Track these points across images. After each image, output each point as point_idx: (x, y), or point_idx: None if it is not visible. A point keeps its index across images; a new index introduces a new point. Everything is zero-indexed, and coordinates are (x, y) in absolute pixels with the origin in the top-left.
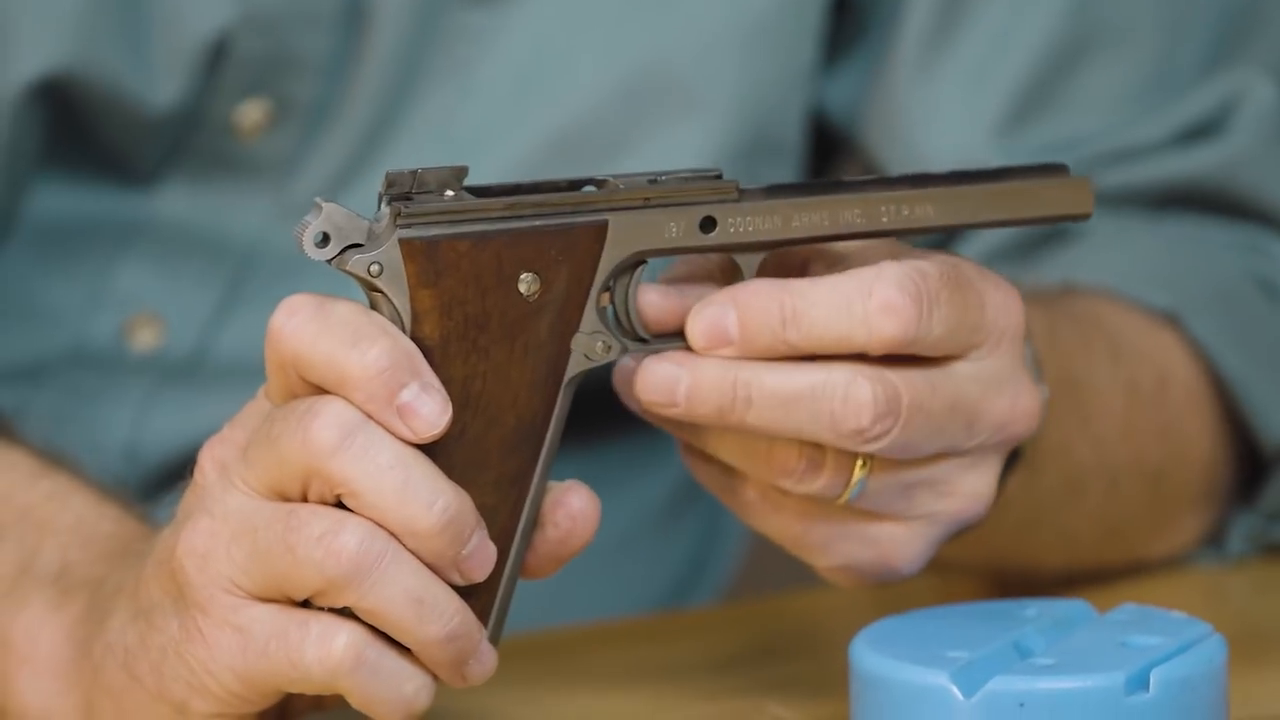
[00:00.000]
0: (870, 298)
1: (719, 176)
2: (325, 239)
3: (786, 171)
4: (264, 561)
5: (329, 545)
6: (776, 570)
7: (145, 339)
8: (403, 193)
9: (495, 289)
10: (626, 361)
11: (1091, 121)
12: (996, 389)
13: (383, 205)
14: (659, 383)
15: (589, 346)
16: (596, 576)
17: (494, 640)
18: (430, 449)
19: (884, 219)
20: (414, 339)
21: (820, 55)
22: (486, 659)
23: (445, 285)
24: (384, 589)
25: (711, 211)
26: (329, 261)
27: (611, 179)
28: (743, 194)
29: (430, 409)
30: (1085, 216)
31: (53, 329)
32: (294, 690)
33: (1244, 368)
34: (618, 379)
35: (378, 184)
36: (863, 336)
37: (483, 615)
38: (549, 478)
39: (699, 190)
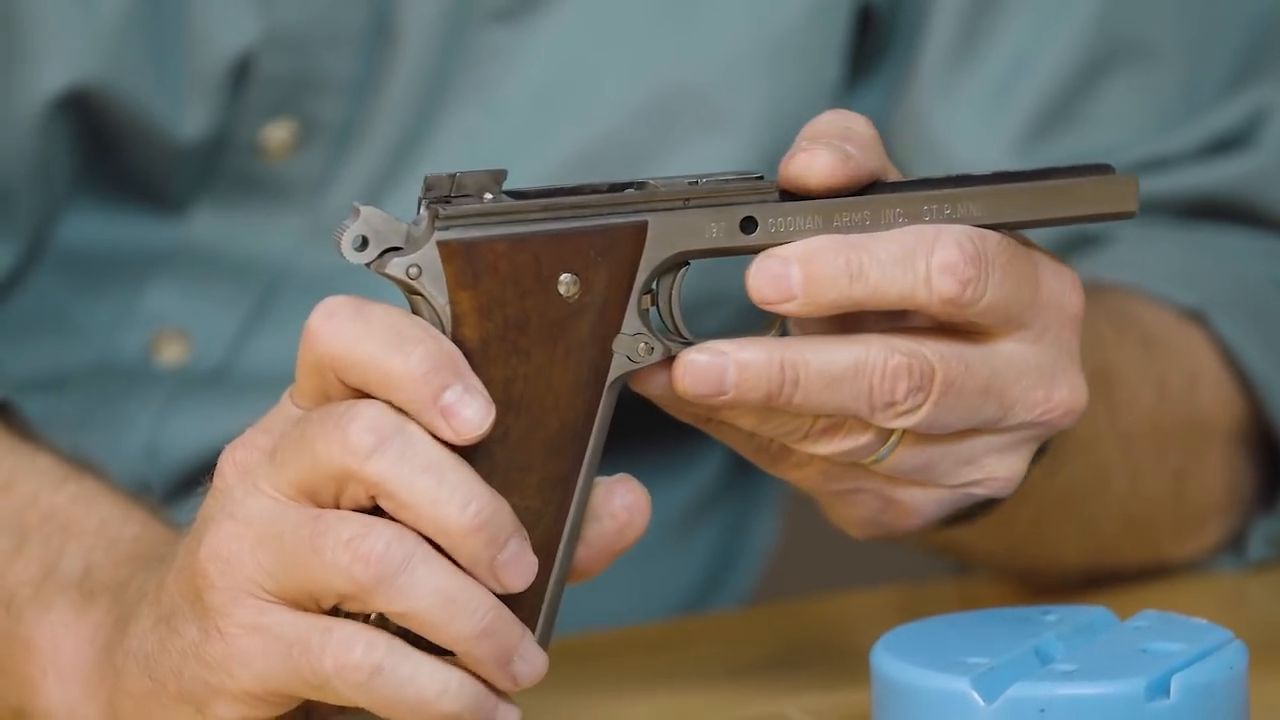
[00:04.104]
0: (932, 255)
1: (760, 178)
2: (364, 242)
3: None
4: (291, 565)
5: (357, 549)
6: (798, 576)
7: (172, 354)
8: (441, 196)
9: (535, 290)
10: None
11: (1115, 136)
12: (1035, 377)
13: (421, 209)
14: (705, 374)
15: (631, 348)
16: (617, 582)
17: (543, 643)
18: (474, 451)
19: (926, 218)
20: (454, 341)
21: (845, 71)
22: (533, 658)
23: (484, 286)
24: (413, 590)
25: (752, 212)
26: (368, 265)
27: (651, 181)
28: (784, 194)
29: (473, 410)
30: (1130, 214)
31: (80, 344)
32: (312, 698)
33: (1269, 369)
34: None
35: (405, 202)
36: (924, 295)
37: (530, 619)
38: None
39: (739, 191)
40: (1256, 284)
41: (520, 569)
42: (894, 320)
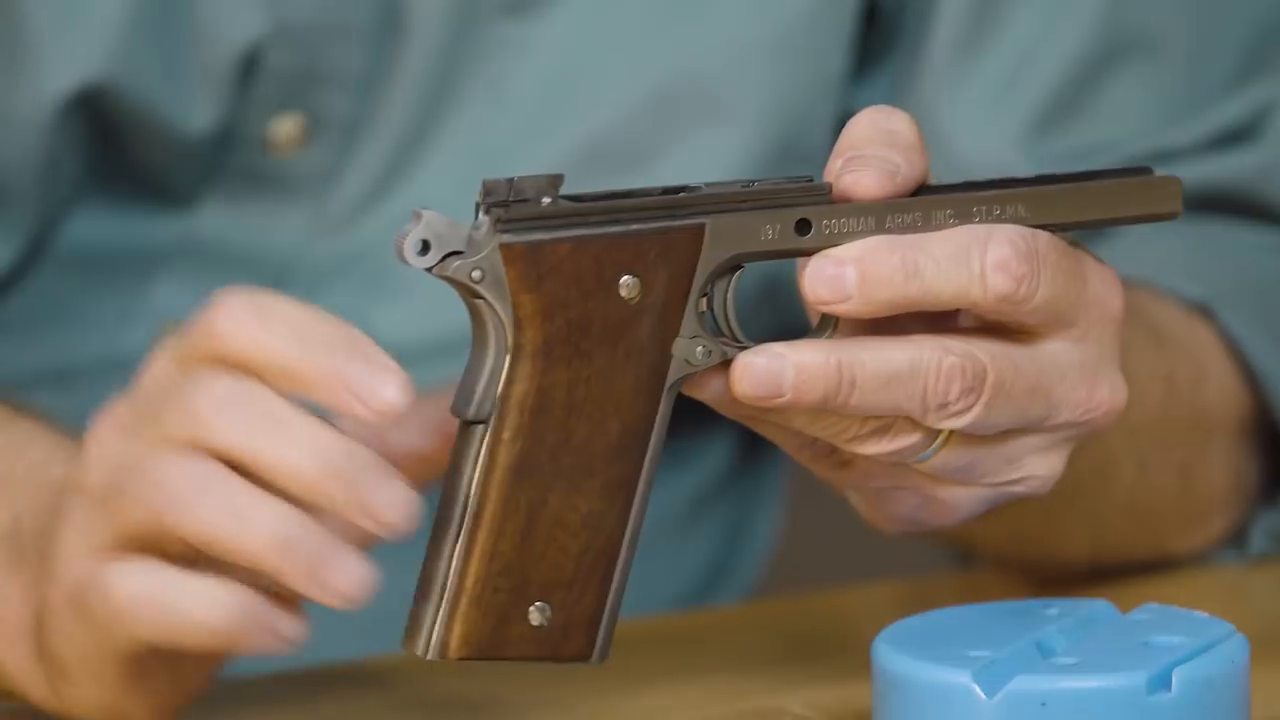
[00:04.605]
0: (986, 252)
1: (810, 180)
2: (425, 247)
3: (816, 179)
4: (111, 513)
5: (154, 478)
6: (800, 571)
7: None
8: (500, 200)
9: (596, 292)
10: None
11: (1120, 130)
12: (1078, 377)
13: (480, 214)
14: (763, 377)
15: (689, 351)
16: None
17: (606, 648)
18: (537, 454)
19: (976, 218)
20: (516, 344)
21: (850, 64)
22: (350, 568)
23: (547, 289)
24: (203, 509)
25: (807, 214)
26: (429, 270)
27: (705, 186)
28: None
29: (385, 385)
30: (1174, 216)
31: (86, 340)
32: (115, 651)
33: (1273, 363)
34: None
35: (412, 196)
36: (979, 292)
37: (591, 625)
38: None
39: (794, 193)
40: (1262, 278)
41: (392, 505)
42: (935, 324)
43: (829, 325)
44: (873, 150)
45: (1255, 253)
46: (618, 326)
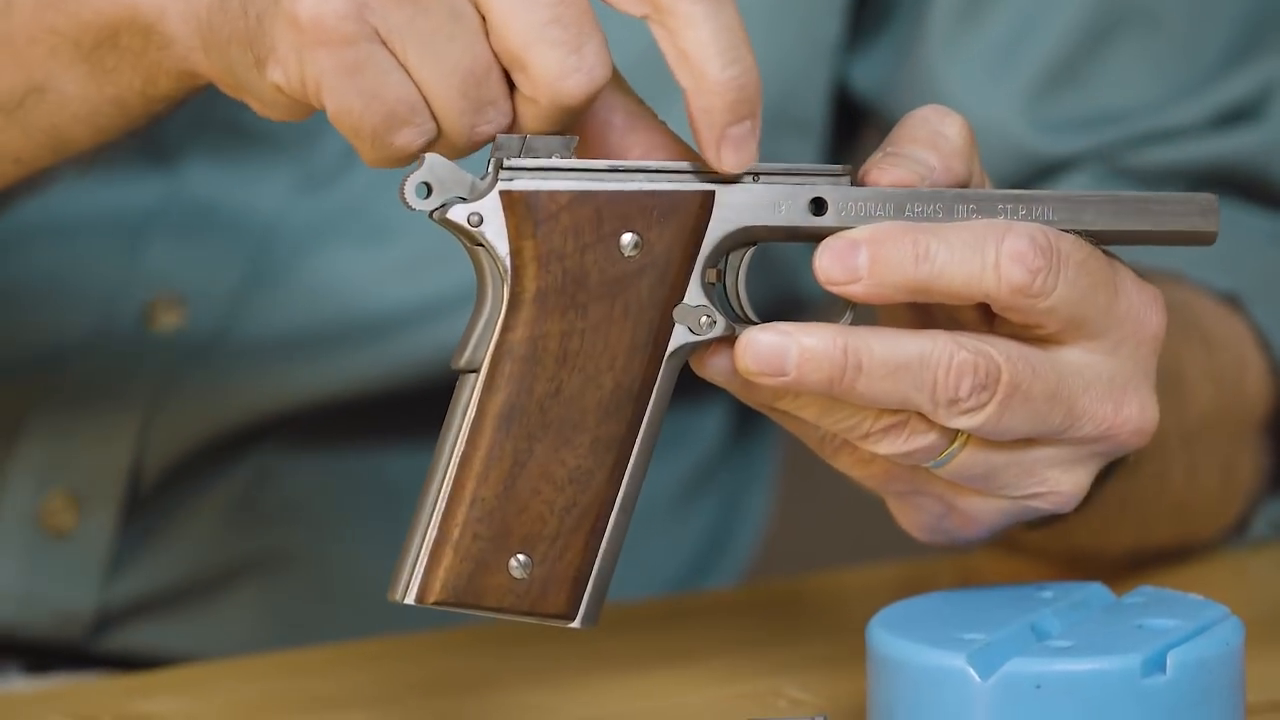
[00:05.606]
0: (1002, 243)
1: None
2: (428, 190)
3: (809, 145)
4: None
5: None
6: (794, 553)
7: (168, 321)
8: (511, 155)
9: (595, 245)
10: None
11: (1121, 98)
12: (1104, 390)
13: (489, 166)
14: (767, 353)
15: (692, 319)
16: None
17: (592, 616)
18: (525, 405)
19: (1001, 217)
20: (513, 292)
21: (845, 31)
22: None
23: (544, 236)
24: None
25: (823, 193)
26: (430, 214)
27: None
28: (856, 181)
29: (741, 154)
30: (1211, 236)
31: (77, 315)
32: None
33: None
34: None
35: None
36: (992, 282)
37: (575, 585)
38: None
39: (809, 173)
40: (1272, 270)
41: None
42: (966, 326)
43: (844, 310)
44: (912, 149)
45: (1267, 241)
46: (616, 282)
